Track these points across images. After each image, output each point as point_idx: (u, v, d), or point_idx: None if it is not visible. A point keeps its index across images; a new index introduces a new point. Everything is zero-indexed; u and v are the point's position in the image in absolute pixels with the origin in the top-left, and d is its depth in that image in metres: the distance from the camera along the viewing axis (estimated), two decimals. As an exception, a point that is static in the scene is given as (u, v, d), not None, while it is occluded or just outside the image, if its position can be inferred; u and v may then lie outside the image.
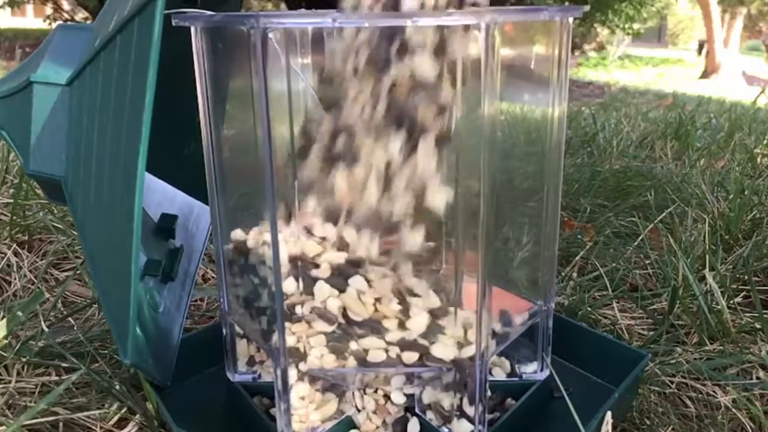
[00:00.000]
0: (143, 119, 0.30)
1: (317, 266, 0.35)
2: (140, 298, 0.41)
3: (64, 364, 0.47)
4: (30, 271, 0.62)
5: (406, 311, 0.35)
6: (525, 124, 0.40)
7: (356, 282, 0.35)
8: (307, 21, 0.31)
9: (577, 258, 0.69)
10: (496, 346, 0.38)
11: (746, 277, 0.64)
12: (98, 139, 0.35)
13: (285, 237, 0.34)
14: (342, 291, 0.35)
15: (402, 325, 0.35)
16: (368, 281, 0.34)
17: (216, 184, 0.40)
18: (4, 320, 0.45)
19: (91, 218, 0.38)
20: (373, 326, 0.35)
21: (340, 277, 0.35)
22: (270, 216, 0.34)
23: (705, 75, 8.64)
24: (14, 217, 0.67)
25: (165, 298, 0.46)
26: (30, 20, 10.70)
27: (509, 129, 0.37)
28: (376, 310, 0.35)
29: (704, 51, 9.55)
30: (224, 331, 0.43)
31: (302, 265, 0.35)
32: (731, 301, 0.60)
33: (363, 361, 0.36)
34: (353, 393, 0.39)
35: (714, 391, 0.48)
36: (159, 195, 0.51)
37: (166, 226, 0.50)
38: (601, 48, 9.56)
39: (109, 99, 0.34)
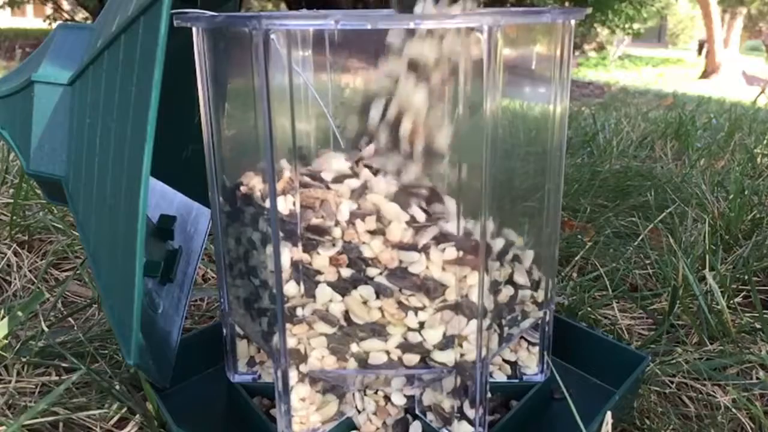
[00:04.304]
0: (148, 118, 0.30)
1: (320, 272, 0.35)
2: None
3: (64, 364, 0.47)
4: (30, 271, 0.62)
5: (419, 322, 0.35)
6: (526, 124, 0.40)
7: (363, 289, 0.35)
8: (309, 23, 0.31)
9: (577, 258, 0.69)
10: (497, 348, 0.38)
11: (746, 277, 0.64)
12: (101, 138, 0.35)
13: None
14: (345, 295, 0.35)
15: (410, 332, 0.35)
16: (376, 291, 0.34)
17: (217, 184, 0.40)
18: (4, 320, 0.45)
19: (94, 218, 0.37)
20: (374, 328, 0.35)
21: (344, 282, 0.35)
22: (272, 215, 0.34)
23: (705, 75, 8.64)
24: (14, 217, 0.67)
25: (163, 299, 0.46)
26: (30, 20, 10.70)
27: (511, 129, 0.37)
28: (382, 315, 0.35)
29: (704, 51, 9.55)
30: (224, 331, 0.43)
31: (304, 269, 0.35)
32: (731, 301, 0.60)
33: (364, 363, 0.36)
34: (353, 394, 0.39)
35: (714, 391, 0.48)
36: (157, 196, 0.51)
37: (164, 227, 0.50)
38: (601, 48, 9.55)
39: (113, 98, 0.34)
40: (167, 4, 0.29)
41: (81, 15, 6.65)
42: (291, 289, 0.35)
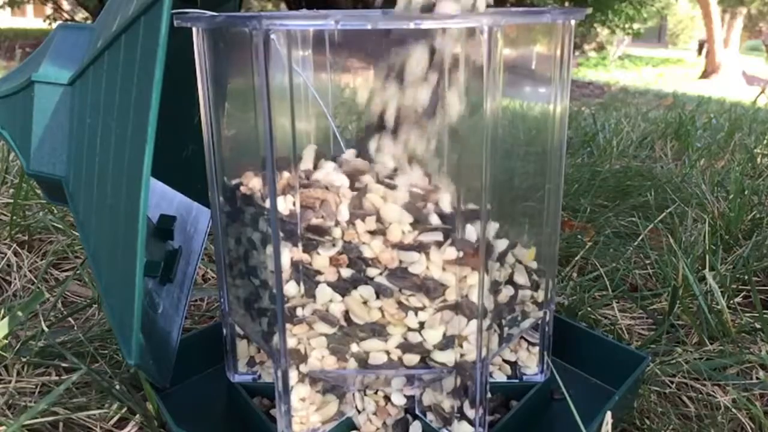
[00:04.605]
0: (149, 119, 0.30)
1: (320, 272, 0.35)
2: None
3: (64, 364, 0.47)
4: (30, 271, 0.62)
5: (419, 322, 0.35)
6: (526, 124, 0.40)
7: (363, 289, 0.35)
8: (309, 23, 0.31)
9: (577, 258, 0.69)
10: (497, 348, 0.38)
11: (746, 277, 0.64)
12: (102, 138, 0.35)
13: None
14: (345, 295, 0.35)
15: (410, 332, 0.35)
16: (376, 291, 0.34)
17: (217, 184, 0.40)
18: (4, 320, 0.45)
19: (94, 218, 0.37)
20: (374, 328, 0.35)
21: (344, 282, 0.35)
22: (272, 215, 0.34)
23: (705, 75, 8.64)
24: (14, 217, 0.67)
25: (163, 299, 0.46)
26: (30, 20, 10.71)
27: (511, 129, 0.37)
28: (382, 315, 0.35)
29: (704, 51, 9.56)
30: (224, 331, 0.43)
31: (304, 269, 0.35)
32: (731, 301, 0.60)
33: (364, 363, 0.36)
34: (353, 394, 0.39)
35: (714, 391, 0.48)
36: (157, 196, 0.51)
37: (164, 227, 0.49)
38: (601, 48, 9.56)
39: (114, 98, 0.34)
40: (168, 4, 0.29)
41: (81, 15, 6.66)
42: (291, 289, 0.35)
